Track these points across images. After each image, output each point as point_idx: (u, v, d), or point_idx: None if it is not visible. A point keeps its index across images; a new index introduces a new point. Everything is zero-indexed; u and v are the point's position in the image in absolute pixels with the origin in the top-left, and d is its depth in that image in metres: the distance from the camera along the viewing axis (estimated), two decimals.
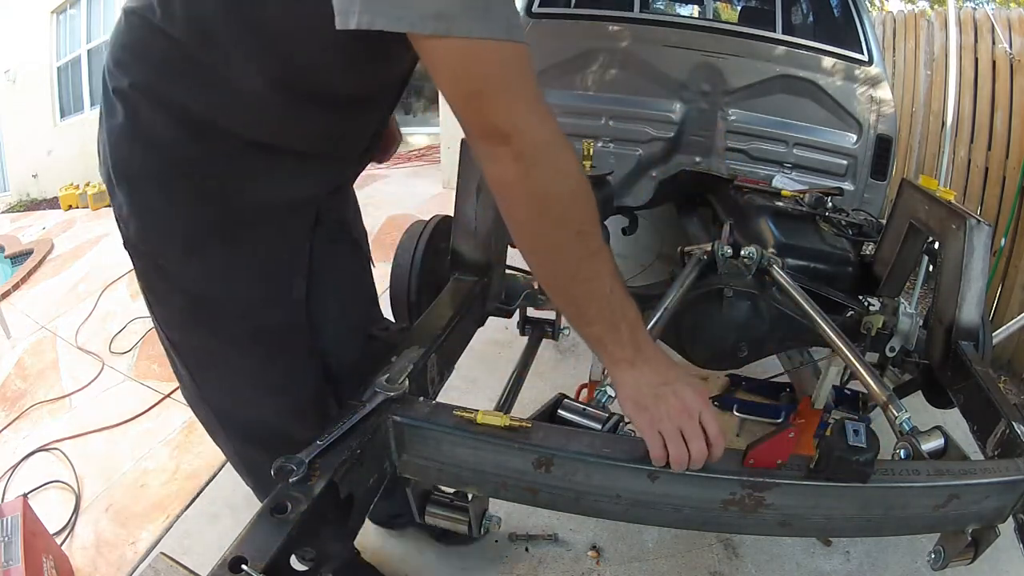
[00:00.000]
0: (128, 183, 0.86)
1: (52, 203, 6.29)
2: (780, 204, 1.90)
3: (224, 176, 0.86)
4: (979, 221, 1.22)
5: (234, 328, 0.95)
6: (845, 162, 2.42)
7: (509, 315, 1.54)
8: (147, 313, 1.01)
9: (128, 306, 3.09)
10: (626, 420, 0.95)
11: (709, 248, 1.44)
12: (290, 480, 0.73)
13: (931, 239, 1.48)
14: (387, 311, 1.61)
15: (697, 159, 2.45)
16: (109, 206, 0.97)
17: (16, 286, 3.80)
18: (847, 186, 2.39)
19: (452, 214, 1.35)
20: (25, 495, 1.58)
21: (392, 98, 0.99)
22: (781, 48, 2.40)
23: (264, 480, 0.90)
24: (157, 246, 0.90)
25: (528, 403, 1.57)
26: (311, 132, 0.88)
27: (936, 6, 5.52)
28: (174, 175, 0.84)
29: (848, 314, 1.49)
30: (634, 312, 0.84)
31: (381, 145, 1.15)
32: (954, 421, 1.20)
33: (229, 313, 0.94)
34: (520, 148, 0.72)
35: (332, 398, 1.13)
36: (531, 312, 1.69)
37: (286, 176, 0.90)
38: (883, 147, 2.37)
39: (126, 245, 0.93)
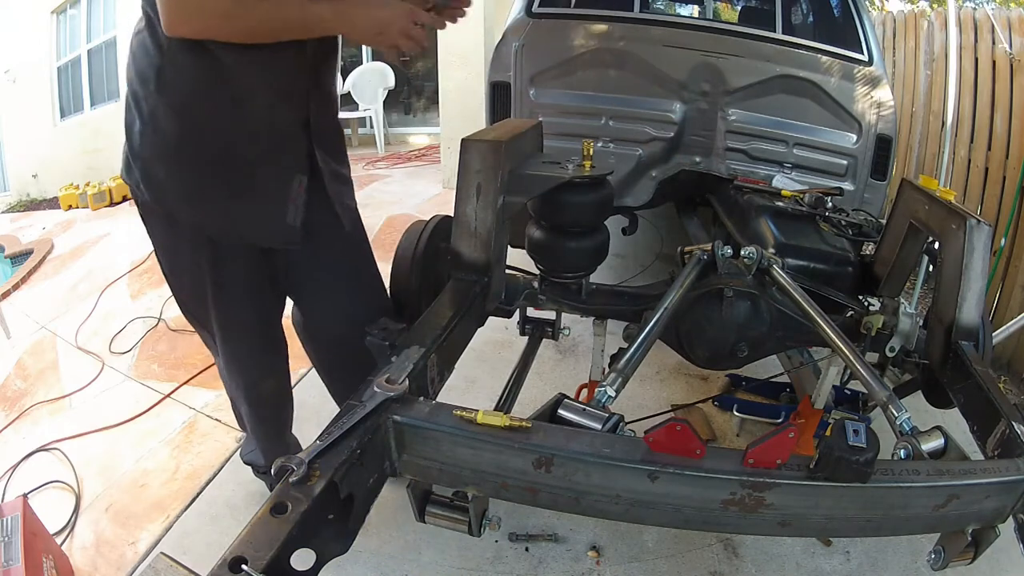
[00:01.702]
0: (142, 160, 1.09)
1: (52, 203, 6.28)
2: (780, 204, 1.90)
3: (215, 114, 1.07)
4: (979, 221, 1.22)
5: (227, 255, 1.18)
6: (845, 162, 2.42)
7: (509, 315, 1.54)
8: (147, 313, 1.04)
9: (128, 306, 3.09)
10: (626, 420, 0.95)
11: (709, 248, 1.44)
12: (290, 480, 0.73)
13: (931, 239, 1.48)
14: None
15: (697, 159, 2.45)
16: (109, 206, 1.03)
17: (16, 286, 3.80)
18: (847, 186, 2.39)
19: (452, 214, 1.34)
20: (25, 495, 1.58)
21: None
22: (781, 48, 2.40)
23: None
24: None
25: (528, 403, 1.58)
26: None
27: (936, 6, 5.53)
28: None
29: (848, 314, 1.49)
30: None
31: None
32: (954, 421, 1.20)
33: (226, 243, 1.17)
34: None
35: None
36: (531, 312, 1.69)
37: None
38: (883, 147, 2.37)
39: (138, 198, 1.15)
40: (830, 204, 1.86)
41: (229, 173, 1.11)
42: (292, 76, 1.11)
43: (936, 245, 1.45)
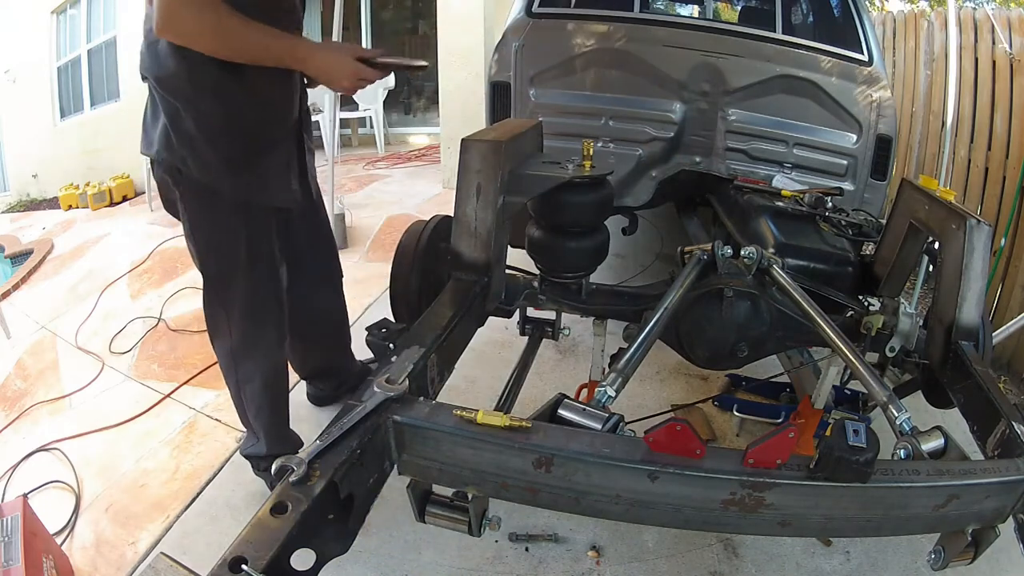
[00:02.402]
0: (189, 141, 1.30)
1: (52, 203, 6.28)
2: (780, 204, 1.90)
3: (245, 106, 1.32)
4: (979, 221, 1.22)
5: (251, 215, 1.41)
6: (845, 162, 2.42)
7: (509, 315, 1.54)
8: (147, 313, 1.05)
9: (128, 306, 3.09)
10: (626, 420, 0.95)
11: (709, 248, 1.44)
12: (290, 480, 0.73)
13: (931, 239, 1.48)
14: (387, 311, 1.62)
15: (697, 159, 2.45)
16: (109, 206, 1.04)
17: (16, 286, 3.80)
18: (847, 186, 2.39)
19: (452, 214, 1.35)
20: (25, 495, 1.58)
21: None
22: (781, 48, 2.40)
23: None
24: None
25: (528, 403, 1.58)
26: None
27: (936, 6, 5.53)
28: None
29: (848, 314, 1.49)
30: (288, 40, 1.27)
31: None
32: (954, 421, 1.20)
33: (251, 205, 1.40)
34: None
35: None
36: (531, 312, 1.69)
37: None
38: (883, 147, 2.37)
39: (181, 180, 1.35)
40: (830, 204, 1.86)
41: (257, 151, 1.37)
42: (287, 77, 1.37)
43: (936, 245, 1.45)
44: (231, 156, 1.33)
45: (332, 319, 1.88)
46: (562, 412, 0.97)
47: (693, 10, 4.50)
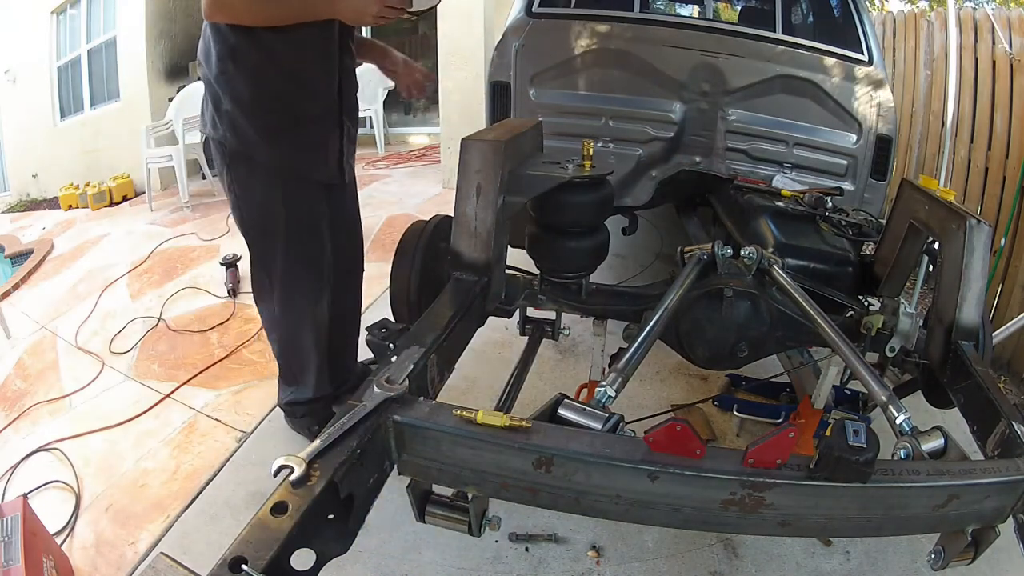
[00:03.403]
0: (229, 118, 1.45)
1: (52, 203, 6.28)
2: (780, 204, 1.90)
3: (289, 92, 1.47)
4: (979, 221, 1.22)
5: (292, 187, 1.53)
6: (845, 162, 2.42)
7: (509, 315, 1.54)
8: (147, 313, 1.05)
9: (128, 306, 3.09)
10: (626, 420, 0.95)
11: (709, 248, 1.44)
12: (290, 480, 0.73)
13: (931, 239, 1.48)
14: (387, 311, 1.62)
15: (697, 159, 2.45)
16: (109, 206, 1.05)
17: (16, 286, 3.80)
18: (847, 186, 2.39)
19: (452, 214, 1.35)
20: (25, 495, 1.58)
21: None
22: (781, 48, 2.40)
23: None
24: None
25: (528, 403, 1.58)
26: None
27: (936, 6, 5.53)
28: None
29: (848, 314, 1.49)
30: None
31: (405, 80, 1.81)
32: (954, 421, 1.20)
33: (291, 177, 1.53)
34: None
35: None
36: (531, 312, 1.69)
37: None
38: (883, 147, 2.37)
39: (227, 157, 1.50)
40: (830, 204, 1.86)
41: (291, 125, 1.49)
42: (322, 56, 1.49)
43: (936, 245, 1.45)
44: (267, 127, 1.46)
45: (348, 308, 1.88)
46: (562, 412, 0.97)
47: (693, 10, 4.50)
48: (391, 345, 1.09)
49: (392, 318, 1.42)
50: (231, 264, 3.10)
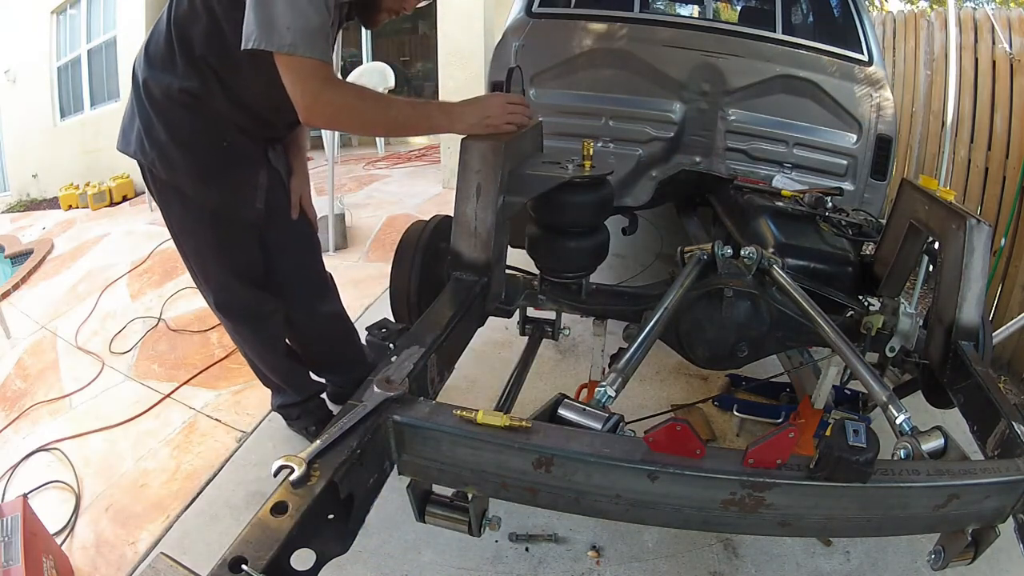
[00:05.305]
0: (159, 146, 1.38)
1: (52, 203, 6.29)
2: (780, 204, 1.90)
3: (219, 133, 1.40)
4: (979, 221, 1.22)
5: (220, 221, 1.48)
6: (845, 162, 2.41)
7: (509, 315, 1.54)
8: (147, 313, 1.05)
9: (128, 306, 3.09)
10: (626, 420, 0.95)
11: (709, 248, 1.44)
12: (290, 480, 0.73)
13: (931, 239, 1.48)
14: (387, 311, 1.62)
15: (697, 159, 2.45)
16: (109, 206, 1.05)
17: (16, 286, 3.80)
18: (847, 186, 2.39)
19: (452, 214, 1.35)
20: (25, 495, 1.58)
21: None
22: (781, 48, 2.40)
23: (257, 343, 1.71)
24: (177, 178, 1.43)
25: (528, 403, 1.58)
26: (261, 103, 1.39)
27: (936, 6, 5.53)
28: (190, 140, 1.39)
29: (848, 314, 1.49)
30: (427, 104, 1.41)
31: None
32: (954, 421, 1.20)
33: (219, 213, 1.47)
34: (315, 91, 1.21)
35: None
36: (531, 312, 1.69)
37: (252, 130, 1.46)
38: (883, 147, 2.37)
39: (154, 183, 1.46)
40: (830, 204, 1.86)
41: (219, 163, 1.43)
42: (257, 115, 1.44)
43: (936, 245, 1.45)
44: (196, 164, 1.40)
45: (332, 324, 1.88)
46: (562, 412, 0.97)
47: (693, 10, 4.50)
48: (391, 345, 1.10)
49: (392, 318, 1.42)
50: None
